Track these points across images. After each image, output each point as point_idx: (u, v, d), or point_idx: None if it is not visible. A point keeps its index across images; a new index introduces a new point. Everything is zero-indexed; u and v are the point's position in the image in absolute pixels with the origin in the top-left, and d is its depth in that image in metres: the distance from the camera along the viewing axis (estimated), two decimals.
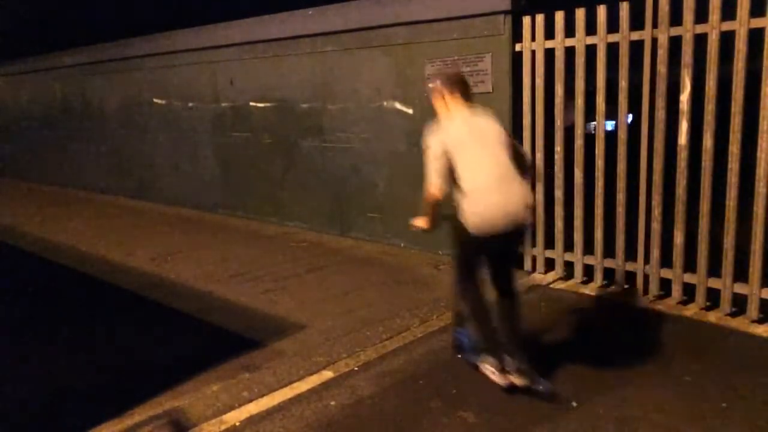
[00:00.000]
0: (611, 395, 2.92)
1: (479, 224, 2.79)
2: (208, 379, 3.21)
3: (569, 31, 4.33)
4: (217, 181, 7.59)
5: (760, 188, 3.67)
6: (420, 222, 3.07)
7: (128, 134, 8.95)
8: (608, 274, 4.45)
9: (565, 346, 3.51)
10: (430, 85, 3.12)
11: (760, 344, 3.47)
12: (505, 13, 4.63)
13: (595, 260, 4.47)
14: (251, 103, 6.91)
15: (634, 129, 4.18)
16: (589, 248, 4.50)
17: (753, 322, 3.74)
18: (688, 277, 4.06)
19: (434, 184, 2.87)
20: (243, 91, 6.98)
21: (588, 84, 4.31)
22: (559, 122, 4.50)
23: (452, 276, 3.22)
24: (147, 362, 3.55)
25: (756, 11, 3.56)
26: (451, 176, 2.84)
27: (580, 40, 4.29)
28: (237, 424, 2.78)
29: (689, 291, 4.07)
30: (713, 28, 3.71)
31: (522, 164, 2.92)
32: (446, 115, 2.97)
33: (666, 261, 4.14)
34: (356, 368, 3.29)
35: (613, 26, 4.12)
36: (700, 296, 3.99)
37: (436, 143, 2.87)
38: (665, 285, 4.19)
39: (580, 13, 4.25)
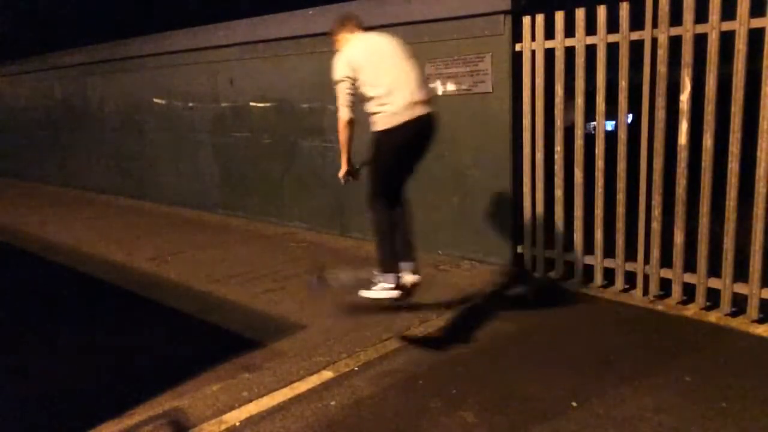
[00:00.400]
0: (611, 395, 2.92)
1: (397, 114, 3.17)
2: (208, 379, 3.21)
3: (569, 31, 4.34)
4: (217, 181, 7.59)
5: (760, 188, 3.68)
6: (342, 171, 3.47)
7: (128, 134, 8.95)
8: (608, 274, 4.46)
9: (565, 346, 3.51)
10: (333, 37, 3.52)
11: (760, 344, 3.48)
12: (505, 13, 4.63)
13: (595, 260, 4.47)
14: (251, 103, 6.91)
15: (634, 129, 4.19)
16: (589, 248, 4.51)
17: (753, 322, 3.74)
18: (688, 277, 4.06)
19: (346, 105, 3.24)
20: (243, 91, 6.98)
21: (588, 84, 4.31)
22: (559, 122, 4.50)
23: (367, 194, 3.47)
24: (147, 362, 3.55)
25: (756, 11, 3.56)
26: (359, 95, 3.23)
27: (580, 40, 4.29)
28: (237, 424, 2.78)
29: (689, 291, 4.07)
30: (713, 28, 3.71)
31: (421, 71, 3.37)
32: (348, 42, 3.38)
33: (666, 261, 4.14)
34: (356, 368, 3.29)
35: (613, 26, 4.12)
36: (700, 296, 3.99)
37: (342, 67, 3.24)
38: (665, 285, 4.19)
39: (580, 13, 4.25)
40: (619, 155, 4.24)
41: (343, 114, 3.24)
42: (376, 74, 3.21)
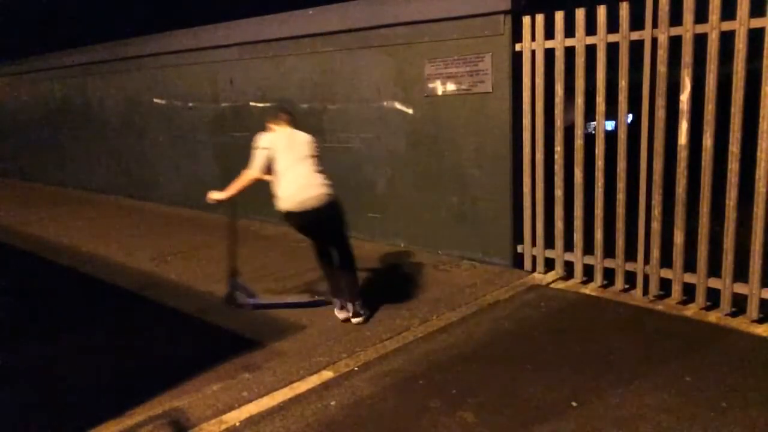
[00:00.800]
0: (611, 395, 2.92)
1: (289, 203, 3.84)
2: (208, 379, 3.22)
3: (569, 31, 4.34)
4: (217, 181, 7.57)
5: (760, 188, 3.67)
6: (217, 195, 4.06)
7: (128, 134, 8.95)
8: (608, 274, 4.46)
9: (565, 346, 3.51)
10: (271, 121, 4.16)
11: (760, 344, 3.47)
12: (505, 13, 4.63)
13: (595, 260, 4.47)
14: (251, 103, 6.91)
15: (634, 129, 4.19)
16: (589, 248, 4.51)
17: (753, 322, 3.74)
18: (688, 277, 4.06)
19: (255, 169, 3.92)
20: (243, 91, 6.98)
21: (588, 84, 4.31)
22: (559, 122, 4.50)
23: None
24: (147, 362, 3.55)
25: (756, 11, 3.56)
26: (270, 169, 3.93)
27: (580, 40, 4.29)
28: (237, 424, 2.78)
29: (689, 291, 4.07)
30: (713, 28, 3.71)
31: (322, 164, 3.99)
32: (275, 130, 4.04)
33: (666, 261, 4.14)
34: (356, 368, 3.30)
35: (613, 26, 4.12)
36: (700, 296, 3.99)
37: (265, 143, 3.94)
38: (665, 285, 4.19)
39: (580, 13, 4.25)
40: (619, 155, 4.24)
41: (252, 173, 3.93)
42: (282, 163, 3.88)
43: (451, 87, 5.06)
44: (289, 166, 3.88)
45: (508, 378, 3.14)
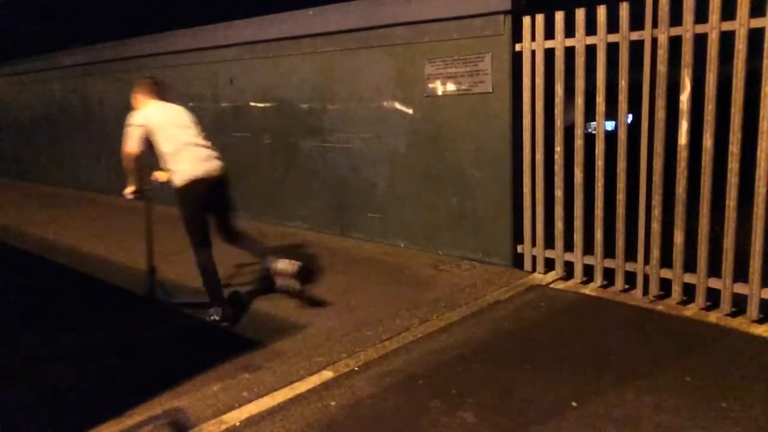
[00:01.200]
0: (611, 395, 2.92)
1: (194, 172, 3.85)
2: (208, 379, 3.21)
3: (569, 31, 4.34)
4: None
5: (760, 188, 3.68)
6: (129, 189, 4.09)
7: None
8: (608, 274, 4.46)
9: (565, 346, 3.51)
10: (136, 89, 4.22)
11: (760, 344, 3.47)
12: (505, 13, 4.63)
13: (595, 260, 4.47)
14: (251, 104, 6.91)
15: (634, 129, 4.19)
16: (589, 248, 4.51)
17: (753, 322, 3.74)
18: (688, 277, 4.06)
19: (132, 146, 3.92)
20: (243, 91, 6.98)
21: (588, 84, 4.31)
22: (559, 122, 4.50)
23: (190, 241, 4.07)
24: (147, 362, 3.55)
25: (756, 11, 3.56)
26: (150, 147, 3.95)
27: (580, 40, 4.29)
28: (237, 424, 2.78)
29: (689, 291, 4.07)
30: (713, 28, 3.71)
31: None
32: (145, 105, 4.06)
33: (666, 261, 4.14)
34: (356, 368, 3.29)
35: (613, 26, 4.12)
36: (700, 296, 3.99)
37: (141, 119, 3.97)
38: (665, 285, 4.19)
39: (580, 14, 4.25)
40: (619, 155, 4.24)
41: (128, 149, 3.93)
42: (167, 137, 3.90)
43: (451, 87, 5.06)
44: (180, 139, 3.92)
45: (508, 378, 3.14)
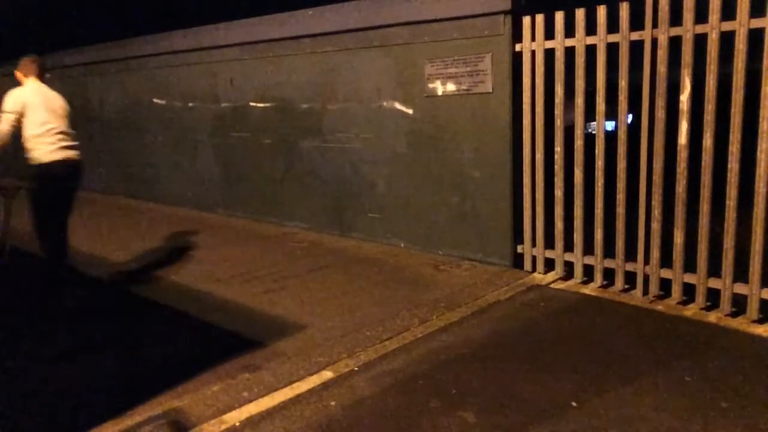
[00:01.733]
0: (611, 395, 2.92)
1: (50, 156, 4.10)
2: (208, 379, 3.21)
3: (569, 32, 4.34)
4: (217, 181, 7.59)
5: (760, 188, 3.68)
6: None
7: (128, 134, 8.94)
8: (608, 274, 4.46)
9: (565, 347, 3.51)
10: (19, 67, 4.41)
11: (760, 344, 3.47)
12: (505, 13, 4.63)
13: (595, 260, 4.47)
14: (251, 103, 6.91)
15: (634, 129, 4.19)
16: (589, 248, 4.51)
17: (753, 322, 3.74)
18: (688, 277, 4.06)
19: (4, 126, 4.10)
20: (243, 91, 6.98)
21: (588, 84, 4.31)
22: (559, 122, 4.50)
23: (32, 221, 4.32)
24: (147, 362, 3.55)
25: (756, 11, 3.56)
26: (20, 128, 4.14)
27: (580, 41, 4.29)
28: (237, 424, 2.78)
29: (689, 291, 4.07)
30: (713, 28, 3.71)
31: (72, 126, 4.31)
32: (25, 83, 4.28)
33: (666, 261, 4.14)
34: (356, 368, 3.29)
35: (613, 26, 4.12)
36: (700, 296, 3.99)
37: (13, 101, 4.12)
38: (665, 285, 4.19)
39: (580, 14, 4.25)
40: (619, 155, 4.24)
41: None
42: (35, 119, 4.10)
43: (451, 87, 5.06)
44: (48, 123, 4.12)
45: (508, 378, 3.14)
